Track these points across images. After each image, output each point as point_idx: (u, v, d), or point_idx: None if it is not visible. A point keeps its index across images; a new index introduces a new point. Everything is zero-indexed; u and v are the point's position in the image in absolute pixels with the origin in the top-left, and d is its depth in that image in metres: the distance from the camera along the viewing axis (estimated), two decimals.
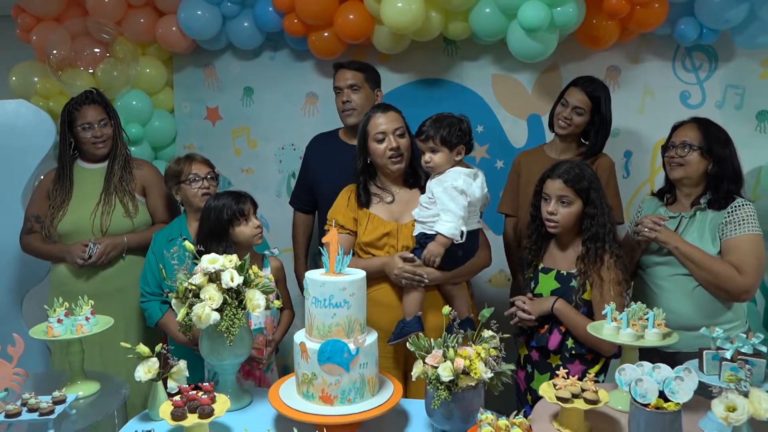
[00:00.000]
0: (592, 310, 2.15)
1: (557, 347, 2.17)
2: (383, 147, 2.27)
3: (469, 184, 2.14)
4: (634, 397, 1.56)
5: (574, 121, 2.61)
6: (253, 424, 1.67)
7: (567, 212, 2.17)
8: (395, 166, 2.29)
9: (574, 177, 2.16)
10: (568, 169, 2.18)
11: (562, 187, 2.16)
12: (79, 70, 3.10)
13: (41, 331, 2.03)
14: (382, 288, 2.27)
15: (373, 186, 2.37)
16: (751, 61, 3.00)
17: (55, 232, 2.63)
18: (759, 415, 1.45)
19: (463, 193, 2.12)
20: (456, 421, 1.68)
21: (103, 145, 2.68)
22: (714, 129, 2.26)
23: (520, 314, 2.23)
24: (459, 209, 2.11)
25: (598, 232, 2.13)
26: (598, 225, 2.14)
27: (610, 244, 2.14)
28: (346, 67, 2.81)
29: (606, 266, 2.11)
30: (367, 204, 2.34)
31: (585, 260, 2.14)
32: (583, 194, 2.16)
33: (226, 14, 3.13)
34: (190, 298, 1.84)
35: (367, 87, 2.80)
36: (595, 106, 2.60)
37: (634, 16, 2.75)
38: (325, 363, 1.69)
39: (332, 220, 2.32)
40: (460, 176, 2.15)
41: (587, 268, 2.13)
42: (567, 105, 2.62)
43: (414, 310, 2.19)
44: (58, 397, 1.83)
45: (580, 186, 2.15)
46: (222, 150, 3.42)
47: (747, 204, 2.19)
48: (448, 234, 2.11)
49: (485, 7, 2.75)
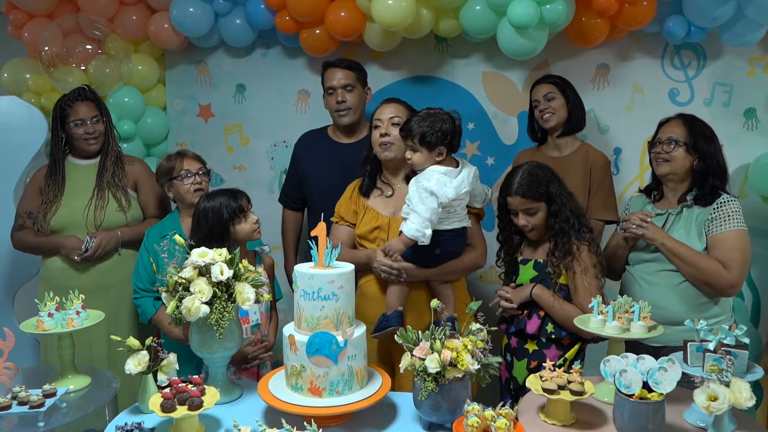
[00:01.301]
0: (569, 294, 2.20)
1: (536, 331, 2.20)
2: (377, 134, 2.29)
3: (443, 184, 2.08)
4: (619, 387, 1.58)
5: (551, 106, 2.68)
6: (242, 416, 1.68)
7: (537, 219, 2.22)
8: (384, 154, 2.29)
9: (529, 186, 2.18)
10: (521, 182, 2.19)
11: (522, 201, 2.20)
12: (71, 67, 3.11)
13: (32, 325, 2.04)
14: (370, 281, 2.29)
15: (379, 179, 2.39)
16: (738, 59, 3.02)
17: (47, 227, 2.63)
18: (739, 404, 1.48)
19: (433, 194, 2.07)
20: (443, 412, 1.70)
21: (94, 142, 2.69)
22: (699, 125, 2.29)
23: (503, 303, 2.27)
24: (426, 211, 2.06)
25: (563, 228, 2.18)
26: (562, 221, 2.18)
27: (576, 236, 2.18)
28: (336, 65, 2.81)
29: (576, 257, 2.16)
30: (367, 193, 2.36)
31: (555, 254, 2.19)
32: (544, 197, 2.19)
33: (218, 11, 3.13)
34: (180, 292, 1.85)
35: (359, 86, 2.82)
36: (560, 87, 2.70)
37: (622, 13, 2.77)
38: (313, 355, 1.71)
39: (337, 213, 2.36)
40: (433, 176, 2.10)
41: (559, 262, 2.17)
42: (538, 101, 2.72)
43: (395, 305, 2.20)
44: (49, 391, 1.84)
45: (538, 192, 2.18)
46: (214, 147, 3.42)
47: (732, 200, 2.22)
48: (408, 234, 2.08)
49: (475, 5, 2.76)
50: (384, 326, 2.16)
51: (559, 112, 2.68)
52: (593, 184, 2.65)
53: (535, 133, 2.84)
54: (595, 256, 2.18)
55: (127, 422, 1.75)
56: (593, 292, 2.11)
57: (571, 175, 2.60)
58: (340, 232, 2.38)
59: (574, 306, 2.15)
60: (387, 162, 2.34)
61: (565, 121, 2.71)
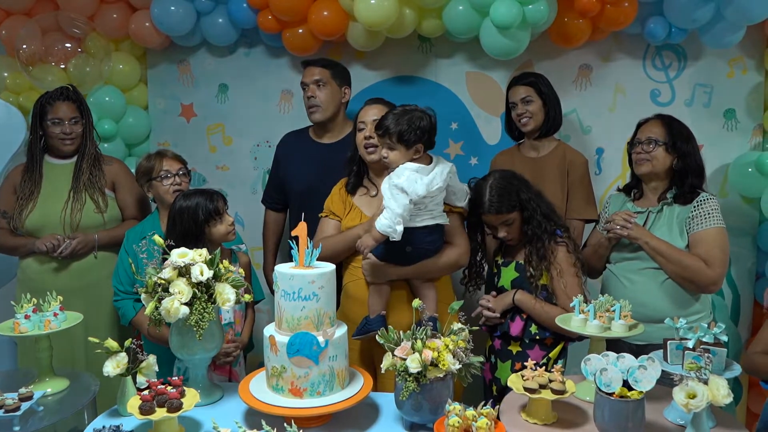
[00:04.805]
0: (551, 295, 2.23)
1: (520, 333, 2.22)
2: (361, 136, 2.29)
3: (413, 181, 2.05)
4: (599, 386, 1.59)
5: (529, 110, 2.67)
6: (222, 418, 1.67)
7: (515, 228, 2.26)
8: (369, 156, 2.29)
9: (500, 201, 2.21)
10: (491, 199, 2.22)
11: (497, 217, 2.23)
12: (50, 66, 3.06)
13: (8, 328, 2.01)
14: (354, 281, 2.28)
15: (365, 178, 2.39)
16: (718, 60, 3.05)
17: (22, 227, 2.59)
18: (717, 401, 1.49)
19: (403, 191, 2.05)
20: (425, 412, 1.70)
21: (70, 143, 2.65)
22: (677, 125, 2.33)
23: (486, 313, 2.27)
24: (397, 207, 2.03)
25: (536, 233, 2.22)
26: (535, 227, 2.22)
27: (550, 239, 2.21)
28: (312, 63, 2.81)
29: (552, 262, 2.19)
30: (353, 190, 2.36)
31: (532, 260, 2.22)
32: (517, 205, 2.23)
33: (200, 10, 3.11)
34: (159, 293, 1.83)
35: (333, 84, 2.78)
36: (537, 89, 2.68)
37: (604, 14, 2.79)
38: (294, 356, 1.70)
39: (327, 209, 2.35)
40: (404, 173, 2.07)
41: (537, 265, 2.20)
42: (515, 104, 2.70)
43: (378, 309, 2.19)
44: (25, 394, 1.81)
45: (510, 203, 2.22)
46: (197, 147, 3.40)
47: (711, 198, 2.26)
48: (379, 229, 2.05)
49: (458, 5, 2.77)
50: (366, 330, 2.15)
51: (537, 116, 2.67)
52: (572, 183, 2.66)
53: (513, 132, 2.85)
54: (572, 255, 2.21)
55: (105, 425, 1.72)
56: (574, 291, 2.13)
57: (548, 175, 2.61)
58: (329, 226, 2.38)
59: (557, 307, 2.17)
60: (372, 163, 2.33)
61: (542, 124, 2.70)
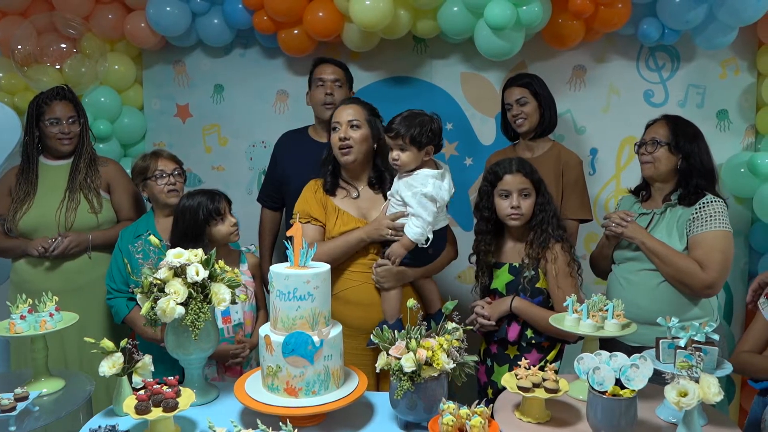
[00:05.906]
0: (547, 298, 2.23)
1: (516, 338, 2.23)
2: (336, 137, 2.26)
3: (438, 187, 2.12)
4: (592, 385, 1.60)
5: (524, 111, 2.68)
6: (218, 418, 1.67)
7: (529, 203, 2.24)
8: (343, 158, 2.26)
9: (530, 169, 2.25)
10: (521, 162, 2.27)
11: (522, 180, 2.23)
12: (46, 66, 3.06)
13: (3, 328, 2.00)
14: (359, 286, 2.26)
15: (339, 179, 2.35)
16: (711, 62, 3.08)
17: (16, 228, 2.59)
18: (708, 399, 1.50)
19: (433, 200, 2.11)
20: (419, 411, 1.71)
21: (68, 143, 2.65)
22: (683, 124, 2.31)
23: (481, 320, 2.26)
24: (428, 215, 2.11)
25: (545, 218, 2.23)
26: (546, 212, 2.24)
27: (554, 228, 2.22)
28: (329, 61, 2.83)
29: (552, 253, 2.20)
30: (333, 191, 2.32)
31: (533, 245, 2.22)
32: (537, 184, 2.25)
33: (196, 11, 3.11)
34: (155, 293, 1.83)
35: (346, 85, 2.85)
36: (532, 90, 2.69)
37: (598, 16, 2.81)
38: (289, 355, 1.70)
39: (296, 214, 2.22)
40: (428, 181, 2.12)
41: (536, 252, 2.21)
42: (511, 105, 2.72)
43: (395, 313, 2.20)
44: (20, 394, 1.81)
45: (534, 177, 2.25)
46: (192, 147, 3.41)
47: (716, 201, 2.20)
48: (413, 238, 2.13)
49: (453, 6, 2.79)
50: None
51: (532, 117, 2.69)
52: (567, 184, 2.67)
53: (509, 132, 2.86)
54: (568, 254, 2.21)
55: (101, 425, 1.72)
56: (568, 291, 2.13)
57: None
58: (313, 232, 2.29)
59: (554, 312, 2.16)
60: (347, 165, 2.29)
61: (537, 125, 2.72)
